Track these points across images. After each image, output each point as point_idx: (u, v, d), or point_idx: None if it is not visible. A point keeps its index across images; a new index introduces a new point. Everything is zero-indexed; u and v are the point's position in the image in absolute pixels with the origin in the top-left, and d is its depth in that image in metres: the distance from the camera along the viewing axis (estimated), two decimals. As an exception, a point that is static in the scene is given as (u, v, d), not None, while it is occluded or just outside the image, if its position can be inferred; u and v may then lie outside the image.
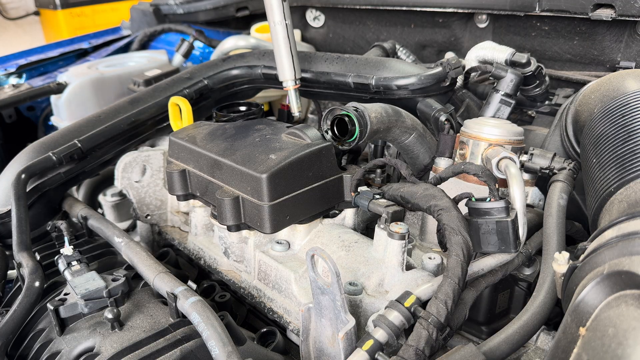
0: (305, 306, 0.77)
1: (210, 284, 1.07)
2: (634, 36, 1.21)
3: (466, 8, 1.43)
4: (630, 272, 0.51)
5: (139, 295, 0.91)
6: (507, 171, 0.84)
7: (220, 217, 0.91)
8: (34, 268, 0.94)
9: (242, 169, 0.88)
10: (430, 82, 1.11)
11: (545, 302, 0.75)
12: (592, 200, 0.77)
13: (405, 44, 1.67)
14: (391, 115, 0.97)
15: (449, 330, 0.72)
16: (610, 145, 0.78)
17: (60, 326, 0.84)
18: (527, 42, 1.42)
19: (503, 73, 1.11)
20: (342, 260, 0.88)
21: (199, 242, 1.15)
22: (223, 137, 1.00)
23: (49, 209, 1.20)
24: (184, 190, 1.03)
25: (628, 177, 0.70)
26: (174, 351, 0.77)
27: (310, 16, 1.97)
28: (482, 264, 0.81)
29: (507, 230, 0.77)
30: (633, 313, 0.46)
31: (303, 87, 1.27)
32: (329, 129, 0.95)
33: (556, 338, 0.53)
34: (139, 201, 1.26)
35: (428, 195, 0.81)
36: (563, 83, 1.31)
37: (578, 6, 1.19)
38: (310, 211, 0.93)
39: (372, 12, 1.77)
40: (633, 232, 0.58)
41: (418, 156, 1.08)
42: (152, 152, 1.26)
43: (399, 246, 0.80)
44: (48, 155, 1.14)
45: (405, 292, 0.73)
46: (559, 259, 0.65)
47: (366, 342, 0.67)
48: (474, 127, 0.96)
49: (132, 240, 1.00)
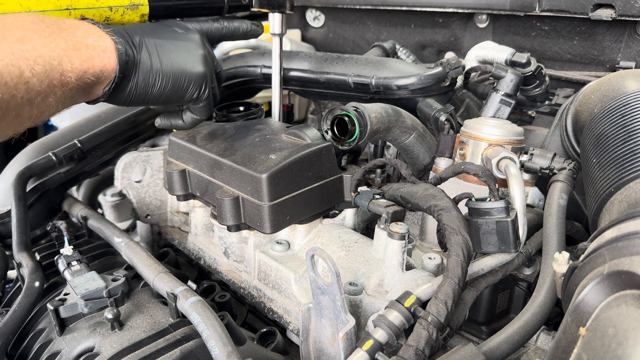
0: (305, 306, 0.77)
1: (210, 284, 1.07)
2: (634, 36, 1.21)
3: (466, 8, 1.43)
4: (630, 272, 0.51)
5: (139, 295, 0.91)
6: (507, 171, 0.84)
7: (220, 217, 0.91)
8: (34, 268, 0.94)
9: (242, 169, 0.88)
10: (430, 82, 1.11)
11: (545, 302, 0.75)
12: (592, 200, 0.77)
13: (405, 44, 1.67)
14: (391, 115, 0.97)
15: (449, 330, 0.72)
16: (610, 145, 0.78)
17: (60, 326, 0.84)
18: (527, 42, 1.42)
19: (503, 73, 1.11)
20: (342, 260, 0.88)
21: (199, 242, 1.15)
22: (223, 137, 1.00)
23: (49, 209, 1.20)
24: (183, 190, 1.03)
25: (628, 177, 0.70)
26: (174, 351, 0.77)
27: (310, 16, 1.97)
28: (482, 264, 0.81)
29: (507, 230, 0.77)
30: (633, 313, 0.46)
31: (303, 87, 1.27)
32: (329, 129, 0.95)
33: (556, 338, 0.53)
34: (139, 201, 1.26)
35: (428, 195, 0.81)
36: (563, 83, 1.31)
37: (578, 6, 1.19)
38: (310, 211, 0.93)
39: (372, 12, 1.77)
40: (633, 232, 0.58)
41: (418, 156, 1.08)
42: (152, 152, 1.26)
43: (399, 246, 0.80)
44: (48, 155, 1.14)
45: (405, 292, 0.73)
46: (559, 259, 0.65)
47: (366, 342, 0.67)
48: (474, 127, 0.96)
49: (132, 240, 1.00)
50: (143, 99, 0.85)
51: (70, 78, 0.71)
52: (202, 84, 0.89)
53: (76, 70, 0.72)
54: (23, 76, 0.64)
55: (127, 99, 0.83)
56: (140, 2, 0.89)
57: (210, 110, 0.97)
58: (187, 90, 0.88)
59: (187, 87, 0.88)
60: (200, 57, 0.89)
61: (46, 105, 0.70)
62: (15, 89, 0.64)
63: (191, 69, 0.87)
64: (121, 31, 0.81)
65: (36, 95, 0.67)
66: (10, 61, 0.63)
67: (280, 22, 1.08)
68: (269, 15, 1.07)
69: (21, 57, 0.64)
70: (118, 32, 0.79)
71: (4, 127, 0.66)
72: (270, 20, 1.08)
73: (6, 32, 0.65)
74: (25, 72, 0.65)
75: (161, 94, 0.85)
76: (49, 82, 0.68)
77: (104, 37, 0.77)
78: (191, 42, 0.89)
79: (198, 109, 0.95)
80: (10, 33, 0.65)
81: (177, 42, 0.87)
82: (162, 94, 0.86)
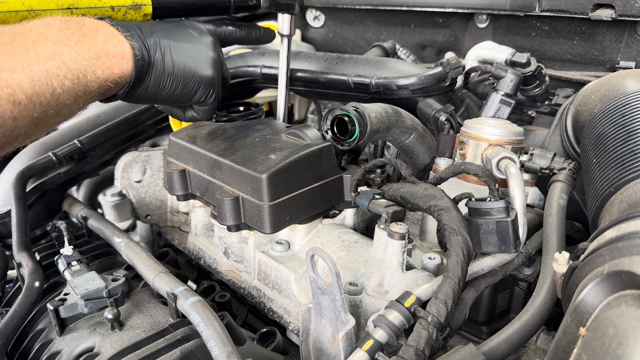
0: (305, 306, 0.77)
1: (210, 284, 1.07)
2: (634, 36, 1.21)
3: (466, 8, 1.43)
4: (630, 272, 0.51)
5: (139, 295, 0.91)
6: (507, 171, 0.84)
7: (220, 217, 0.91)
8: (34, 268, 0.94)
9: (242, 169, 0.88)
10: (430, 82, 1.11)
11: (545, 302, 0.75)
12: (592, 200, 0.77)
13: (405, 44, 1.67)
14: (391, 115, 0.97)
15: (449, 330, 0.72)
16: (610, 145, 0.78)
17: (60, 326, 0.84)
18: (527, 42, 1.42)
19: (503, 73, 1.11)
20: (342, 260, 0.88)
21: (199, 242, 1.15)
22: (223, 137, 1.00)
23: (49, 209, 1.20)
24: (183, 190, 1.03)
25: (628, 177, 0.70)
26: (174, 351, 0.77)
27: (310, 16, 1.97)
28: (482, 264, 0.81)
29: (507, 230, 0.77)
30: (633, 313, 0.46)
31: (303, 87, 1.27)
32: (329, 129, 0.95)
33: (556, 338, 0.53)
34: (139, 201, 1.26)
35: (428, 195, 0.81)
36: (563, 83, 1.31)
37: (578, 6, 1.19)
38: (310, 211, 0.93)
39: (372, 12, 1.77)
40: (633, 232, 0.58)
41: (418, 156, 1.08)
42: (152, 152, 1.26)
43: (399, 246, 0.80)
44: (48, 155, 1.14)
45: (405, 292, 0.73)
46: (559, 259, 0.65)
47: (366, 342, 0.67)
48: (474, 127, 0.96)
49: (132, 240, 1.00)
50: (153, 98, 0.87)
51: (93, 87, 0.73)
52: (210, 88, 0.90)
53: (99, 79, 0.74)
54: (55, 93, 0.66)
55: (137, 98, 0.85)
56: (143, 2, 0.88)
57: (212, 113, 0.98)
58: (195, 92, 0.89)
59: (195, 90, 0.89)
60: (210, 60, 0.89)
61: (70, 113, 0.72)
62: (48, 106, 0.66)
63: (201, 73, 0.88)
64: (138, 32, 0.81)
65: (63, 107, 0.69)
66: (45, 80, 0.65)
67: (289, 24, 1.08)
68: (278, 16, 1.08)
69: (54, 75, 0.66)
70: (135, 34, 0.80)
71: (32, 137, 0.69)
72: (280, 22, 1.08)
73: (38, 46, 0.66)
74: (57, 89, 0.66)
75: (170, 95, 0.87)
76: (76, 95, 0.70)
77: (123, 42, 0.78)
78: (203, 45, 0.90)
79: (201, 111, 0.96)
80: (42, 47, 0.66)
81: (190, 45, 0.87)
82: (171, 96, 0.87)
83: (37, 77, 0.64)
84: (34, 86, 0.63)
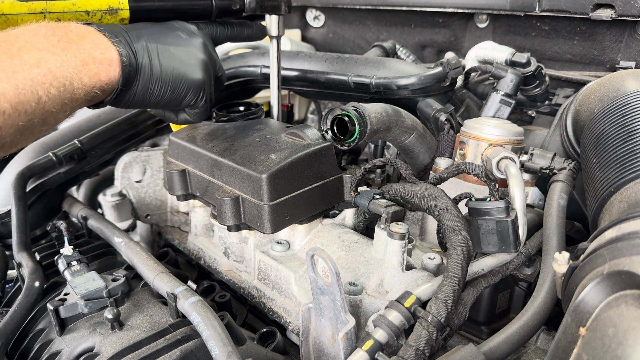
0: (305, 306, 0.77)
1: (210, 284, 1.07)
2: (634, 36, 1.21)
3: (466, 8, 1.43)
4: (630, 272, 0.51)
5: (139, 295, 0.91)
6: (507, 171, 0.84)
7: (220, 217, 0.91)
8: (34, 268, 0.94)
9: (242, 169, 0.88)
10: (430, 82, 1.11)
11: (545, 302, 0.75)
12: (592, 200, 0.77)
13: (405, 44, 1.67)
14: (391, 115, 0.97)
15: (449, 330, 0.72)
16: (610, 145, 0.78)
17: (60, 326, 0.84)
18: (527, 42, 1.42)
19: (503, 73, 1.11)
20: (342, 260, 0.88)
21: (199, 242, 1.15)
22: (223, 137, 1.00)
23: (49, 209, 1.20)
24: (183, 190, 1.03)
25: (628, 177, 0.70)
26: (174, 351, 0.77)
27: (310, 16, 1.97)
28: (482, 264, 0.81)
29: (507, 230, 0.77)
30: (633, 313, 0.46)
31: (303, 87, 1.27)
32: (329, 129, 0.95)
33: (556, 338, 0.53)
34: (139, 201, 1.26)
35: (428, 195, 0.81)
36: (563, 83, 1.31)
37: (578, 6, 1.19)
38: (310, 211, 0.93)
39: (372, 12, 1.77)
40: (633, 232, 0.58)
41: (418, 156, 1.08)
42: (152, 152, 1.26)
43: (399, 246, 0.80)
44: (48, 155, 1.14)
45: (405, 292, 0.73)
46: (559, 259, 0.65)
47: (366, 342, 0.67)
48: (474, 127, 0.96)
49: (132, 240, 1.00)
50: (141, 104, 0.85)
51: (79, 94, 0.72)
52: (200, 91, 0.89)
53: (85, 87, 0.73)
54: (40, 101, 0.65)
55: (125, 104, 0.84)
56: (119, 6, 0.85)
57: (204, 116, 0.96)
58: (185, 96, 0.87)
59: (185, 94, 0.87)
60: (200, 63, 0.88)
61: (56, 121, 0.72)
62: (33, 114, 0.65)
63: (190, 76, 0.86)
64: (125, 37, 0.80)
65: (49, 116, 0.68)
66: (30, 89, 0.64)
67: (277, 24, 1.07)
68: (266, 17, 1.07)
69: (39, 83, 0.65)
70: (123, 39, 0.79)
71: (17, 146, 0.68)
72: (268, 23, 1.07)
73: (23, 53, 0.65)
74: (42, 97, 0.65)
75: (159, 100, 0.85)
76: (62, 102, 0.69)
77: (110, 48, 0.76)
78: (193, 47, 0.88)
79: (193, 113, 0.95)
80: (27, 54, 0.65)
81: (179, 48, 0.86)
82: (160, 100, 0.86)
83: (22, 85, 0.63)
84: (19, 95, 0.62)
